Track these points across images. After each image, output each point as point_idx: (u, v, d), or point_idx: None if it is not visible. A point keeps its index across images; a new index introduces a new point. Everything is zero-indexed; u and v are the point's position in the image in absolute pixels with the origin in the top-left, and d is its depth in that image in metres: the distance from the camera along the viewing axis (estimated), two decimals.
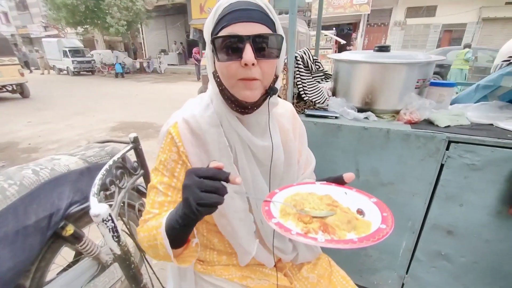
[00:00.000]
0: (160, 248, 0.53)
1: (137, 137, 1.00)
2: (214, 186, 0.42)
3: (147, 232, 0.56)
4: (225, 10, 0.51)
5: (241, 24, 0.50)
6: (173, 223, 0.50)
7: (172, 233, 0.51)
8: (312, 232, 0.41)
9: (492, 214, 0.98)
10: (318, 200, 0.49)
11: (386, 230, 0.40)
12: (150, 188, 0.62)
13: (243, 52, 0.49)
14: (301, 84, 1.23)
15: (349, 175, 0.54)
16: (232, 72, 0.52)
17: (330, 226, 0.42)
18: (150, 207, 0.60)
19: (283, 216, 0.46)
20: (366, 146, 1.07)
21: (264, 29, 0.52)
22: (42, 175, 0.89)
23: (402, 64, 1.03)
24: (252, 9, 0.51)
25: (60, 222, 0.92)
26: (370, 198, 0.50)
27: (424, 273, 1.18)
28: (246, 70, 0.51)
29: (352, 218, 0.44)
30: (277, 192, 0.52)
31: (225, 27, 0.51)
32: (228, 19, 0.50)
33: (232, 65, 0.51)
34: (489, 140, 0.90)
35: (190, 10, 14.45)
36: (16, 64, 7.49)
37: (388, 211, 0.45)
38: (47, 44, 15.27)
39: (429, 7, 12.56)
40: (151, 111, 6.16)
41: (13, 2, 24.26)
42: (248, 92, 0.54)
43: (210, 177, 0.43)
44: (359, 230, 0.42)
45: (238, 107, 0.56)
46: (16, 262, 0.79)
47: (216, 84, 0.57)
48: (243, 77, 0.52)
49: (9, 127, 5.01)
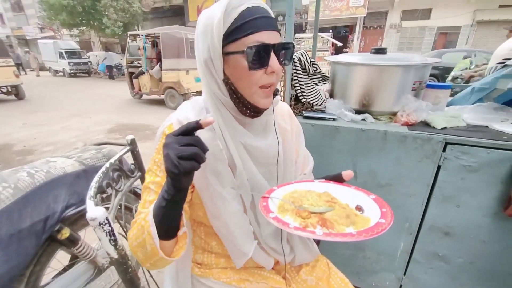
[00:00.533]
0: (147, 241, 0.49)
1: (134, 139, 1.00)
2: (190, 139, 0.43)
3: (136, 228, 0.53)
4: (244, 16, 0.50)
5: (267, 32, 0.51)
6: (159, 202, 0.48)
7: (160, 213, 0.48)
8: (310, 227, 0.41)
9: (489, 215, 0.99)
10: (316, 197, 0.49)
11: (385, 225, 0.40)
12: (144, 189, 0.60)
13: (269, 60, 0.51)
14: (298, 86, 1.24)
15: (348, 173, 0.55)
16: (256, 80, 0.53)
17: (328, 220, 0.42)
18: (142, 207, 0.58)
19: (281, 212, 0.46)
20: (364, 148, 1.07)
21: (279, 37, 0.53)
22: (37, 178, 0.88)
23: (399, 67, 1.04)
24: (271, 17, 0.53)
25: (56, 225, 0.90)
26: (369, 195, 0.50)
27: (422, 274, 1.18)
28: (270, 78, 0.54)
29: (351, 213, 0.44)
30: (275, 189, 0.52)
31: (251, 34, 0.50)
32: (253, 26, 0.50)
33: (258, 73, 0.52)
34: (485, 141, 0.91)
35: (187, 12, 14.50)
36: (11, 66, 7.42)
37: (387, 206, 0.45)
38: (43, 45, 15.16)
39: (424, 10, 12.72)
40: (148, 112, 6.13)
41: (8, 4, 24.07)
42: (269, 99, 0.57)
43: (184, 131, 0.43)
44: (358, 225, 0.42)
45: (253, 112, 0.58)
46: (10, 267, 0.77)
47: (228, 91, 0.56)
48: (265, 84, 0.54)
49: (3, 129, 4.96)
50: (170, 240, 0.52)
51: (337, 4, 13.08)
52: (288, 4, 1.02)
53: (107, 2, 12.62)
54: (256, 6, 0.51)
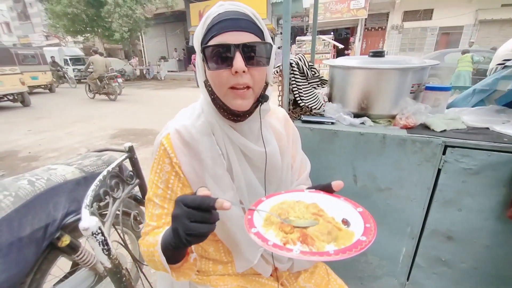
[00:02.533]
0: (158, 264, 0.54)
1: (132, 146, 1.00)
2: (202, 216, 0.42)
3: (146, 247, 0.57)
4: (214, 20, 0.52)
5: (230, 33, 0.51)
6: (167, 245, 0.49)
7: (167, 253, 0.51)
8: (291, 243, 0.41)
9: (491, 218, 0.97)
10: (304, 208, 0.49)
11: (365, 243, 0.40)
12: (148, 201, 0.62)
13: (233, 60, 0.51)
14: (297, 90, 1.24)
15: (338, 183, 0.54)
16: (224, 81, 0.53)
17: (309, 236, 0.42)
18: (149, 219, 0.61)
19: (267, 226, 0.46)
20: (363, 152, 1.06)
21: (252, 37, 0.53)
22: (37, 186, 0.89)
23: (396, 70, 1.04)
24: (241, 18, 0.52)
25: (56, 232, 0.91)
26: (356, 208, 0.49)
27: (425, 279, 1.16)
28: (237, 78, 0.52)
29: (333, 229, 0.44)
30: (264, 200, 0.52)
31: (215, 37, 0.52)
32: (217, 28, 0.51)
33: (223, 73, 0.53)
34: (485, 144, 0.90)
35: (189, 17, 14.65)
36: (17, 74, 7.56)
37: (372, 222, 0.44)
38: (48, 53, 15.41)
39: (426, 10, 12.68)
40: (150, 117, 6.18)
41: (15, 13, 24.61)
42: (240, 101, 0.55)
43: (197, 207, 0.42)
44: (340, 241, 0.42)
45: (231, 115, 0.58)
46: (10, 275, 0.78)
47: (208, 93, 0.58)
48: (234, 84, 0.53)
49: (9, 136, 5.03)
50: (179, 263, 0.55)
51: (338, 6, 13.11)
52: (284, 10, 1.02)
53: (110, 8, 12.81)
54: (227, 11, 0.53)
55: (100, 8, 13.20)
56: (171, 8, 14.90)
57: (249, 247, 0.66)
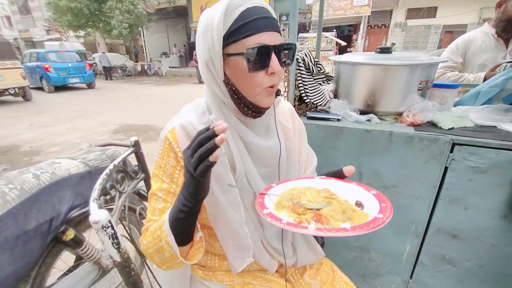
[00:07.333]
0: (165, 249, 0.53)
1: (137, 140, 1.00)
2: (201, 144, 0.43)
3: (151, 236, 0.56)
4: (244, 16, 0.49)
5: (268, 33, 0.50)
6: (177, 214, 0.49)
7: (177, 225, 0.50)
8: (305, 222, 0.40)
9: (498, 217, 0.96)
10: (315, 193, 0.48)
11: (383, 220, 0.39)
12: (151, 195, 0.61)
13: (270, 61, 0.51)
14: (302, 87, 1.23)
15: (349, 168, 0.53)
16: (259, 81, 0.53)
17: (324, 216, 0.41)
18: (151, 214, 0.59)
19: (278, 209, 0.45)
20: (369, 149, 1.06)
21: (280, 37, 0.53)
22: (42, 179, 0.89)
23: (404, 66, 1.03)
24: (270, 17, 0.52)
25: (61, 226, 0.91)
26: (370, 191, 0.48)
27: (429, 277, 1.16)
28: (272, 79, 0.53)
29: (348, 208, 0.43)
30: (274, 186, 0.52)
31: (251, 36, 0.49)
32: (254, 27, 0.49)
33: (259, 74, 0.52)
34: (493, 142, 0.89)
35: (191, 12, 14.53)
36: (18, 68, 7.53)
37: (387, 201, 0.44)
38: (49, 47, 15.37)
39: (430, 8, 12.57)
40: (152, 113, 6.17)
41: (16, 6, 24.49)
42: (270, 98, 0.56)
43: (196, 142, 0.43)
44: (355, 221, 0.41)
45: (255, 112, 0.58)
46: (16, 268, 0.78)
47: (229, 92, 0.56)
48: (270, 85, 0.54)
49: (11, 130, 5.03)
50: (186, 246, 0.55)
51: (341, 3, 13.00)
52: (292, 4, 1.01)
53: (112, 4, 12.73)
54: (256, 6, 0.50)
55: (102, 3, 13.11)
56: (173, 3, 14.80)
57: (236, 255, 0.64)
